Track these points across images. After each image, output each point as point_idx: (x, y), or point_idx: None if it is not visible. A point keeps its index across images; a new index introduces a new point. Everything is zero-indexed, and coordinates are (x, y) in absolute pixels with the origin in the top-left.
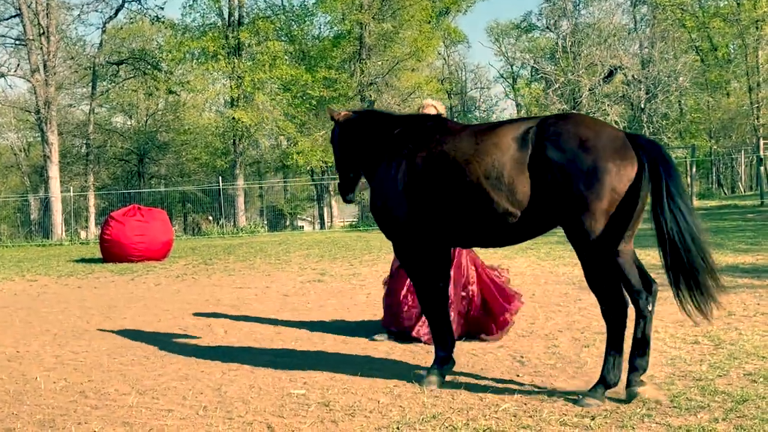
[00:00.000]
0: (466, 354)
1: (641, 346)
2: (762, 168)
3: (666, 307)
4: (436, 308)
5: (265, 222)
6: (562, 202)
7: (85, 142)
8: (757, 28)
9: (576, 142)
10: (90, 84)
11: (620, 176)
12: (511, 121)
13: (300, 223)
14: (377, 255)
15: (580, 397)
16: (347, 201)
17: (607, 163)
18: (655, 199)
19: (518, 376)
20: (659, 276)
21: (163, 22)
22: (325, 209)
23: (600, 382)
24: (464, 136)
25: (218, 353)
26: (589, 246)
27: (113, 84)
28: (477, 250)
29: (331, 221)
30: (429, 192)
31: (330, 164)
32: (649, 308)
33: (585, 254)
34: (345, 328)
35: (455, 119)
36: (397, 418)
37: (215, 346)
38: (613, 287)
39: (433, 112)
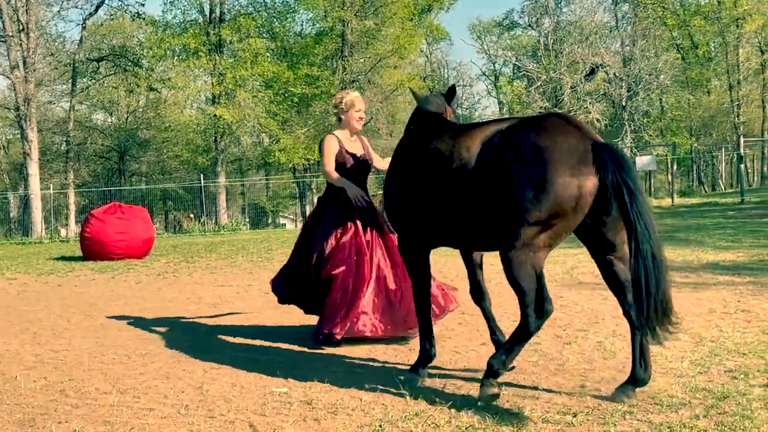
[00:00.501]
0: (449, 351)
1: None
2: (742, 165)
3: None
4: (426, 306)
5: (247, 220)
6: (508, 208)
7: (65, 139)
8: (737, 26)
9: (532, 151)
10: (70, 81)
11: (567, 189)
12: (485, 123)
13: (282, 220)
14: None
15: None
16: None
17: (556, 176)
18: (625, 220)
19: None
20: None
21: (144, 19)
22: (307, 207)
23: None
24: (446, 137)
25: (200, 352)
26: (514, 252)
27: (93, 81)
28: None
29: None
30: (412, 190)
31: (312, 162)
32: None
33: (506, 258)
34: None
35: None
36: (380, 415)
37: (197, 345)
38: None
39: (360, 106)
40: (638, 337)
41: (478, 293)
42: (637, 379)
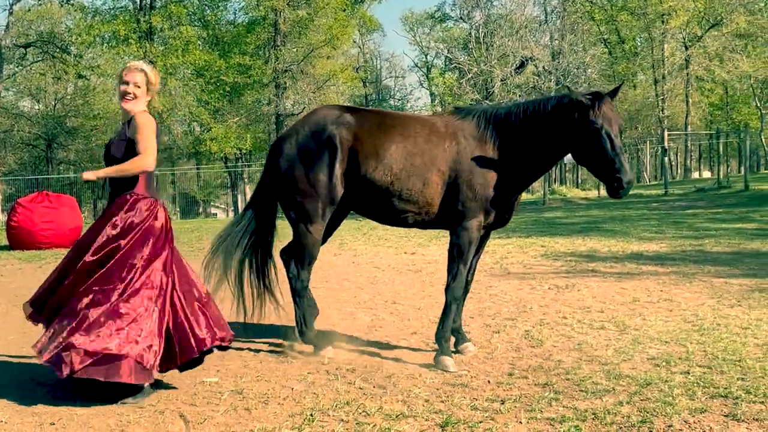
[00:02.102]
0: (380, 342)
1: None
2: (666, 158)
3: (573, 293)
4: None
5: (178, 209)
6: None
7: None
8: (662, 21)
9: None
10: None
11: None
12: None
13: (213, 210)
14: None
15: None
16: None
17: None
18: None
19: (431, 362)
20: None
21: (73, 5)
22: (239, 196)
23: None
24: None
25: None
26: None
27: (20, 67)
28: None
29: None
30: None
31: (244, 151)
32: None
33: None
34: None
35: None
36: (311, 404)
37: None
38: None
39: (139, 78)
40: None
41: None
42: None
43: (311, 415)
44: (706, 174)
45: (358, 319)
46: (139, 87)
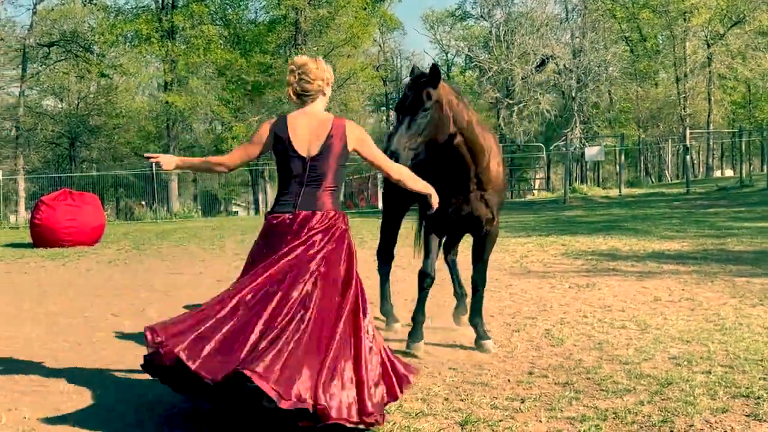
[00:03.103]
0: (399, 341)
1: None
2: (688, 157)
3: (594, 292)
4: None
5: (199, 207)
6: None
7: (14, 125)
8: (685, 19)
9: None
10: (20, 66)
11: None
12: None
13: (234, 208)
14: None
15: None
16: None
17: None
18: None
19: (450, 360)
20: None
21: (96, 4)
22: (260, 194)
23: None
24: None
25: None
26: None
27: (44, 66)
28: None
29: (266, 206)
30: None
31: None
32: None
33: None
34: None
35: (390, 106)
36: None
37: None
38: None
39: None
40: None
41: None
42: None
43: None
44: (729, 172)
45: (377, 316)
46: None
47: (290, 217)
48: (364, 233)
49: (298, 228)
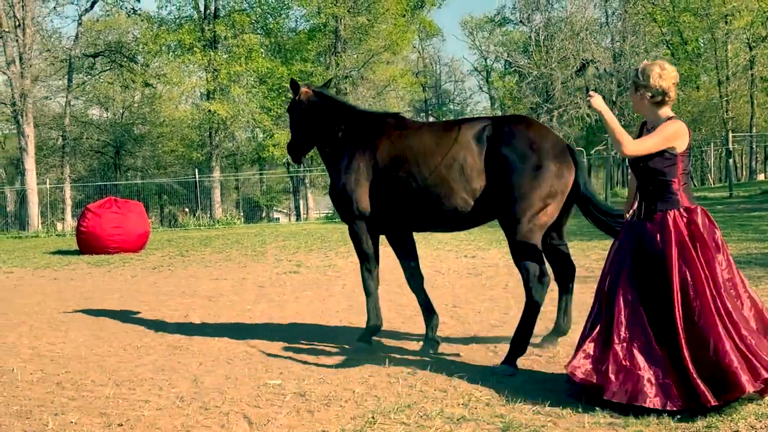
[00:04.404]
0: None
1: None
2: (731, 160)
3: None
4: (373, 288)
5: (242, 214)
6: (505, 192)
7: (61, 134)
8: (726, 22)
9: (526, 143)
10: (66, 76)
11: (559, 176)
12: (466, 120)
13: (276, 215)
14: (353, 247)
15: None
16: (297, 162)
17: (549, 163)
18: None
19: (492, 365)
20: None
21: (139, 15)
22: (301, 201)
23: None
24: (425, 133)
25: (194, 344)
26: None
27: (89, 76)
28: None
29: (307, 213)
30: (392, 182)
31: (307, 157)
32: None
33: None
34: (321, 319)
35: (430, 112)
36: (372, 407)
37: (191, 337)
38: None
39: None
40: (564, 298)
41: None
42: (561, 330)
43: (373, 417)
44: None
45: (419, 322)
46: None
47: None
48: None
49: None
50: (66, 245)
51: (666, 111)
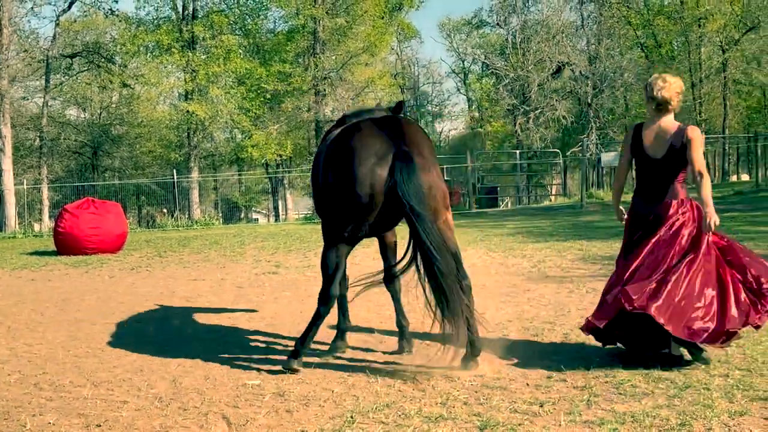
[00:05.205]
0: (417, 344)
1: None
2: None
3: None
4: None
5: (220, 214)
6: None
7: (38, 134)
8: (699, 25)
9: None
10: (43, 77)
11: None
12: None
13: (255, 215)
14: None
15: None
16: None
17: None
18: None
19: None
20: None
21: (117, 15)
22: (280, 202)
23: None
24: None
25: (173, 345)
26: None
27: (67, 77)
28: None
29: (286, 214)
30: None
31: (284, 157)
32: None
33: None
34: (300, 320)
35: (408, 114)
36: (351, 407)
37: (170, 339)
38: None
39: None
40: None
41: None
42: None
43: (351, 417)
44: (745, 177)
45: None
46: None
47: None
48: None
49: None
50: (43, 246)
51: (669, 117)
